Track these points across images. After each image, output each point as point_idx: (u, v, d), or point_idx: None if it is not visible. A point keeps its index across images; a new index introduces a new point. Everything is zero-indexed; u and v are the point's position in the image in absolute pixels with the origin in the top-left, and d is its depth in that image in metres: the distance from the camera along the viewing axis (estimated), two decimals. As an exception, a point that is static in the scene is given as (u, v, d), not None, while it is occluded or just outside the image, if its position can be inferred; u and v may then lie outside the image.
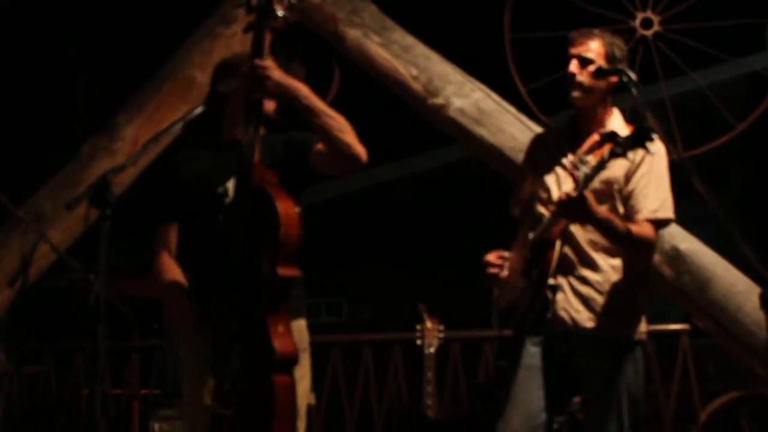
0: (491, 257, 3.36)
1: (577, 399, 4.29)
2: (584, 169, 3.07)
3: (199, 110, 3.23)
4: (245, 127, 3.08)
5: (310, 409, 3.09)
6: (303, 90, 3.08)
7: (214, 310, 3.05)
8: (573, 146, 3.35)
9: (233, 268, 3.01)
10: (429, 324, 4.78)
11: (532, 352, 3.28)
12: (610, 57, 3.32)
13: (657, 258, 4.95)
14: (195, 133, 3.35)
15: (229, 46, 5.09)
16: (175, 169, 3.32)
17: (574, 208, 3.08)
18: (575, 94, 3.31)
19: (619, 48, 3.35)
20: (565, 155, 3.35)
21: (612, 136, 3.12)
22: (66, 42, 8.43)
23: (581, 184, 3.06)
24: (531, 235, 3.26)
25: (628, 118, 3.41)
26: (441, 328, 4.78)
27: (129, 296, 4.91)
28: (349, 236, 9.35)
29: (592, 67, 3.29)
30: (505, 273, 3.35)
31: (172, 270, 3.24)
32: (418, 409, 4.69)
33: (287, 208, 2.99)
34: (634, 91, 3.24)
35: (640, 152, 3.17)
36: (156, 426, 4.89)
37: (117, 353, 6.18)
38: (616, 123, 3.35)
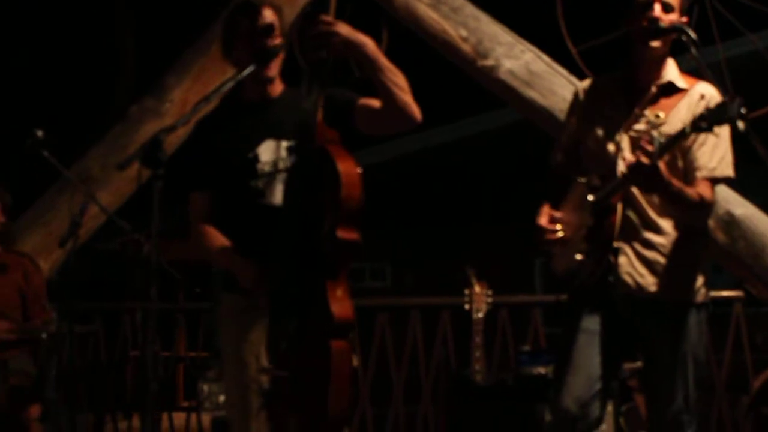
0: (543, 221, 3.26)
1: (629, 365, 4.24)
2: (659, 138, 2.95)
3: (249, 69, 3.17)
4: (308, 86, 3.04)
5: (355, 371, 3.06)
6: (370, 45, 3.01)
7: (271, 273, 3.02)
8: (628, 98, 3.24)
9: (292, 230, 2.97)
10: (477, 288, 4.74)
11: (592, 318, 3.21)
12: (683, 10, 3.22)
13: (711, 223, 4.87)
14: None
15: (278, 6, 5.04)
16: (204, 135, 3.27)
17: (646, 177, 2.99)
18: (655, 44, 3.16)
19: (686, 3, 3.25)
20: (619, 107, 3.23)
21: (669, 90, 3.04)
22: (113, 3, 8.43)
23: (656, 154, 2.94)
24: (591, 198, 3.16)
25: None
26: (489, 292, 4.74)
27: (175, 259, 4.91)
28: (394, 200, 9.31)
29: (673, 16, 3.16)
30: (559, 235, 3.26)
31: (215, 234, 3.21)
32: (465, 374, 4.66)
33: (349, 168, 2.91)
34: (693, 50, 3.13)
35: (700, 104, 3.09)
36: (204, 387, 4.93)
37: (163, 315, 6.21)
38: (672, 73, 3.23)
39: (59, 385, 4.03)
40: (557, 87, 5.04)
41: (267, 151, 3.16)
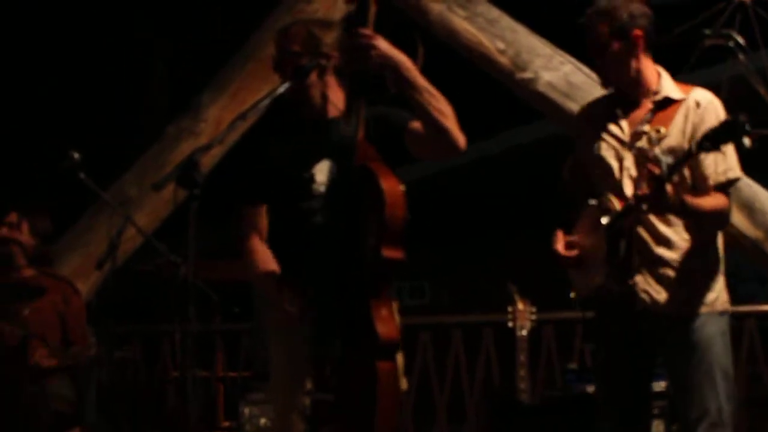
0: (559, 247, 3.24)
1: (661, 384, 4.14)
2: (665, 160, 2.93)
3: (284, 87, 3.13)
4: (348, 102, 2.99)
5: (401, 393, 2.99)
6: (407, 63, 2.95)
7: (314, 295, 2.97)
8: (625, 113, 3.21)
9: (335, 251, 2.92)
10: (520, 305, 4.65)
11: (621, 334, 3.20)
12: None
13: (759, 235, 4.78)
14: (278, 111, 3.27)
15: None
16: (261, 152, 3.26)
17: (658, 202, 2.99)
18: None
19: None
20: (618, 124, 3.21)
21: (665, 103, 3.08)
22: (145, 24, 8.47)
23: (665, 176, 2.93)
24: (604, 220, 3.13)
25: (728, 87, 3.25)
26: (533, 309, 4.65)
27: (212, 280, 4.87)
28: (432, 216, 9.24)
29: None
30: (576, 259, 3.23)
31: (263, 253, 3.18)
32: (510, 392, 4.57)
33: (392, 187, 2.87)
34: (741, 57, 3.05)
35: (697, 112, 3.10)
36: (246, 409, 4.87)
37: (201, 336, 6.17)
38: (667, 86, 3.21)
39: (100, 409, 3.98)
40: (597, 98, 4.97)
41: (323, 172, 3.13)
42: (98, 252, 4.85)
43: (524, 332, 4.61)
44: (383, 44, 2.93)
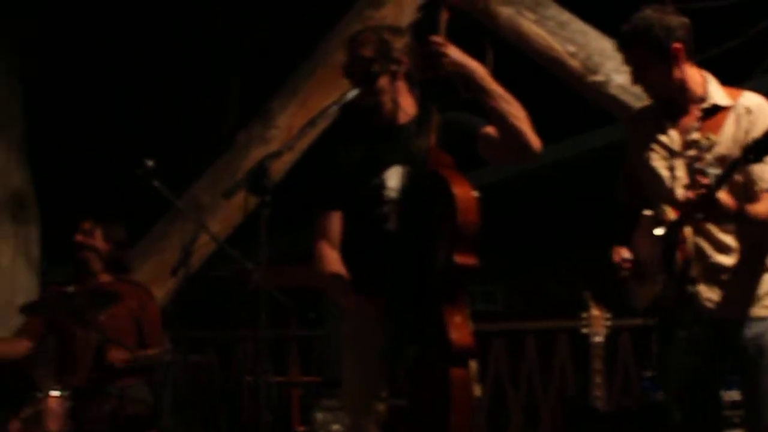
0: (617, 259, 3.24)
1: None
2: (713, 171, 2.90)
3: (354, 92, 3.13)
4: (419, 108, 2.98)
5: (475, 401, 2.97)
6: (480, 70, 2.95)
7: (387, 301, 2.97)
8: (673, 122, 3.17)
9: (407, 257, 2.91)
10: (595, 312, 4.58)
11: (686, 339, 3.16)
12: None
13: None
14: (349, 117, 3.28)
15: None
16: (332, 158, 3.27)
17: (710, 211, 2.96)
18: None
19: None
20: (667, 133, 3.17)
21: (713, 110, 3.06)
22: (217, 32, 8.56)
23: (713, 187, 2.90)
24: (659, 231, 3.10)
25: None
26: (608, 316, 4.58)
27: (286, 286, 4.90)
28: (504, 221, 9.17)
29: None
30: (634, 271, 3.21)
31: (333, 259, 3.18)
32: (585, 400, 4.50)
33: (465, 193, 2.87)
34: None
35: (749, 118, 3.07)
36: (319, 415, 4.89)
37: (276, 342, 6.22)
38: (716, 93, 3.16)
39: (175, 413, 4.03)
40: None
41: (393, 178, 3.13)
42: (172, 258, 4.90)
43: (599, 339, 4.55)
44: (455, 52, 2.93)
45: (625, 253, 3.23)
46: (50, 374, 4.52)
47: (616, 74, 5.02)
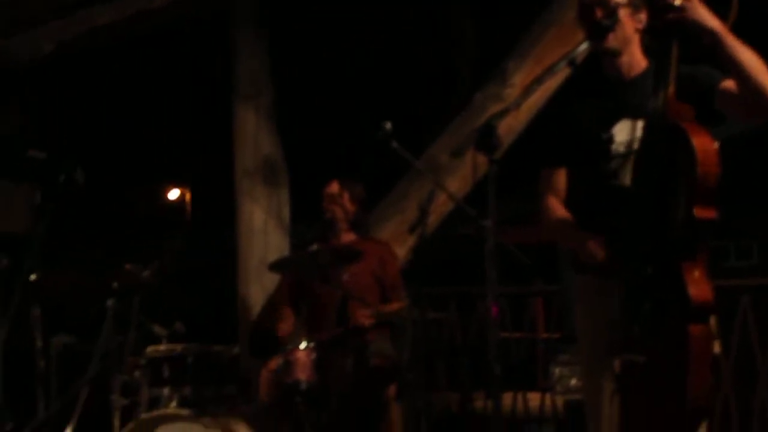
0: None
1: None
2: None
3: (583, 47, 3.09)
4: (655, 61, 2.91)
5: (716, 358, 2.89)
6: (720, 26, 2.84)
7: (622, 255, 2.94)
8: None
9: (644, 212, 2.87)
10: None
11: None
12: None
13: None
14: (581, 73, 3.23)
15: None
16: (564, 114, 3.26)
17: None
18: None
19: None
20: None
21: None
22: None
23: None
24: None
25: None
26: None
27: (524, 243, 4.91)
28: (761, 174, 8.70)
29: None
30: None
31: (561, 211, 3.18)
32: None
33: (704, 144, 2.79)
34: None
35: None
36: (556, 370, 4.89)
37: (519, 298, 6.25)
38: None
39: (415, 367, 4.16)
40: None
41: (622, 132, 3.09)
42: (412, 218, 5.02)
43: None
44: (695, 7, 2.83)
45: None
46: (299, 329, 4.77)
47: None
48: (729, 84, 2.92)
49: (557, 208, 3.22)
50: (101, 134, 8.69)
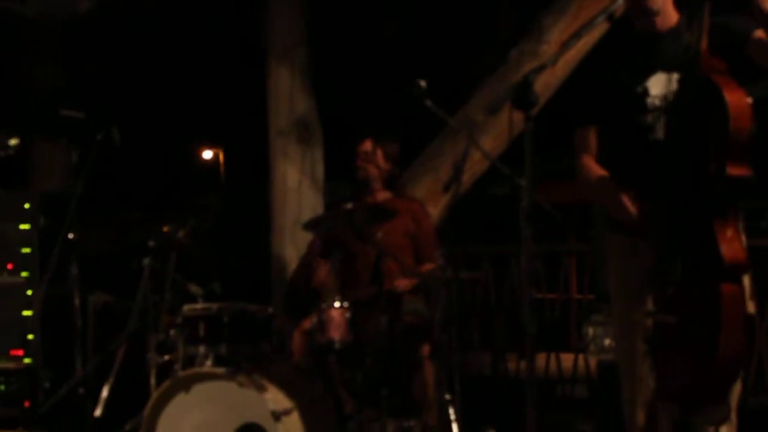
0: None
1: None
2: None
3: (620, 1, 3.04)
4: (689, 13, 2.86)
5: (750, 318, 2.85)
6: None
7: (654, 213, 2.90)
8: None
9: (676, 167, 2.82)
10: None
11: None
12: None
13: None
14: (617, 28, 3.19)
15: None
16: (597, 71, 3.22)
17: None
18: None
19: None
20: None
21: None
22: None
23: None
24: None
25: None
26: None
27: (560, 202, 4.87)
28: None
29: None
30: None
31: (597, 168, 3.14)
32: None
33: (737, 99, 2.74)
34: None
35: None
36: (589, 330, 4.87)
37: (552, 258, 6.22)
38: None
39: (448, 327, 4.15)
40: None
41: (657, 85, 3.05)
42: (446, 176, 4.98)
43: None
44: None
45: None
46: (333, 287, 4.78)
47: None
48: (761, 33, 2.86)
49: (594, 165, 3.19)
50: (136, 94, 8.71)
